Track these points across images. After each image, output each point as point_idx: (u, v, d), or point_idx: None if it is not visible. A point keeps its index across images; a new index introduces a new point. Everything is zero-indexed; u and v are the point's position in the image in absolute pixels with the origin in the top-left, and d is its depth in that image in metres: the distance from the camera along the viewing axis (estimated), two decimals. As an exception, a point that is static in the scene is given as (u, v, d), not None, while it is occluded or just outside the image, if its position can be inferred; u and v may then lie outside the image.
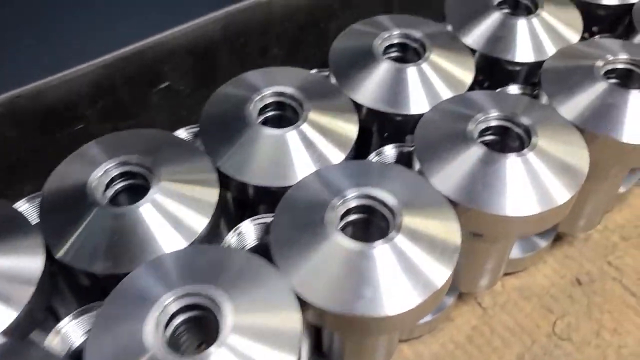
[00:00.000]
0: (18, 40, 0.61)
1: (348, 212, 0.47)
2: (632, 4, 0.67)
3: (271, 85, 0.55)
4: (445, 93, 0.58)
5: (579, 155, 0.51)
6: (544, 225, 0.50)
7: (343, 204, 0.46)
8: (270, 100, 0.55)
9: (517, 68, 0.62)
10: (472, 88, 0.60)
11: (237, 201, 0.56)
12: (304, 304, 0.42)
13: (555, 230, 0.66)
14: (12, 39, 0.61)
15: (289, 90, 0.55)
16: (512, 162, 0.49)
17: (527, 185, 0.48)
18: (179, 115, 0.65)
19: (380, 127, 0.58)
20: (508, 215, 0.47)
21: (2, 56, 0.59)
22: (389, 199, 0.46)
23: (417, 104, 0.56)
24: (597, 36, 0.66)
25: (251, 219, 0.49)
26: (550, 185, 0.49)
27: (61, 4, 0.61)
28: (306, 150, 0.52)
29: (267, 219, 0.49)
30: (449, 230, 0.46)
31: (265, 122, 0.55)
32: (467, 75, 0.60)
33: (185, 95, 0.64)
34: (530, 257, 0.66)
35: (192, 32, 0.59)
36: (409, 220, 0.45)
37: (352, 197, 0.46)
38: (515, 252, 0.64)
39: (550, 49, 0.62)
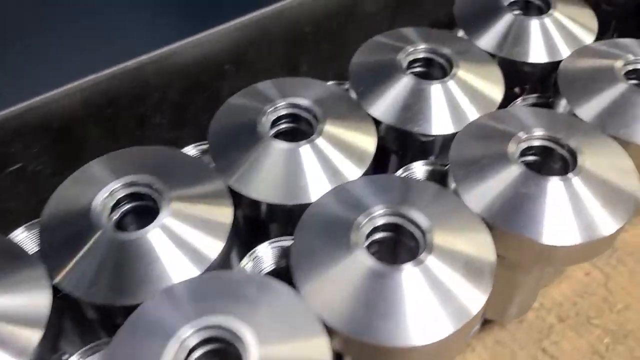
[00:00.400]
0: None
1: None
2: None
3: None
4: (347, 169, 0.50)
5: (485, 256, 0.43)
6: (454, 350, 0.42)
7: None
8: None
9: (430, 139, 0.54)
10: (382, 156, 0.53)
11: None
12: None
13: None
14: None
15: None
16: (407, 274, 0.40)
17: (428, 302, 0.40)
18: (42, 198, 0.55)
19: (269, 217, 0.50)
20: (405, 345, 0.38)
21: None
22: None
23: (313, 190, 0.48)
24: (519, 99, 0.59)
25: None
26: (456, 295, 0.40)
27: None
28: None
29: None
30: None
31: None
32: (369, 144, 0.52)
33: (46, 175, 0.55)
34: (455, 347, 0.58)
35: (43, 106, 0.50)
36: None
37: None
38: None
39: (472, 114, 0.54)
